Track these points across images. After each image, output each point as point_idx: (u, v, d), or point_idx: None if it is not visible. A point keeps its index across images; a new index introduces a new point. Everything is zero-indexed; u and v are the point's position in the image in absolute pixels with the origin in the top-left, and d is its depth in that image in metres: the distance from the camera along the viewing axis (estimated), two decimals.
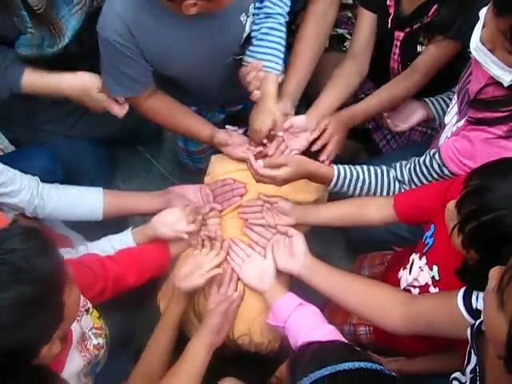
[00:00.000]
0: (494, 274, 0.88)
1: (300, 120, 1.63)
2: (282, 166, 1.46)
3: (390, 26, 1.66)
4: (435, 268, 1.30)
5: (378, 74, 1.79)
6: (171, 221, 1.52)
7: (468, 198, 1.11)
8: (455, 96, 1.49)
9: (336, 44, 1.97)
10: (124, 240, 1.51)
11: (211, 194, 1.64)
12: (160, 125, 1.80)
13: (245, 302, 1.50)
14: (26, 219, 1.53)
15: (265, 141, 1.61)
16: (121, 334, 1.54)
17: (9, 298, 0.91)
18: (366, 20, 1.71)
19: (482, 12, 1.23)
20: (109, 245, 1.50)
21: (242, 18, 1.58)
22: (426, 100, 1.76)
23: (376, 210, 1.47)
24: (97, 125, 1.90)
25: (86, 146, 1.91)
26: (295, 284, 1.50)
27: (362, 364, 0.87)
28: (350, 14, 1.99)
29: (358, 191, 1.52)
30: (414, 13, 1.59)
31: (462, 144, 1.35)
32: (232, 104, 1.92)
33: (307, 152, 1.64)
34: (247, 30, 1.63)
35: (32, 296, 0.93)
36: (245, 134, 1.71)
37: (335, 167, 1.51)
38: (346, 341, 1.16)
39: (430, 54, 1.62)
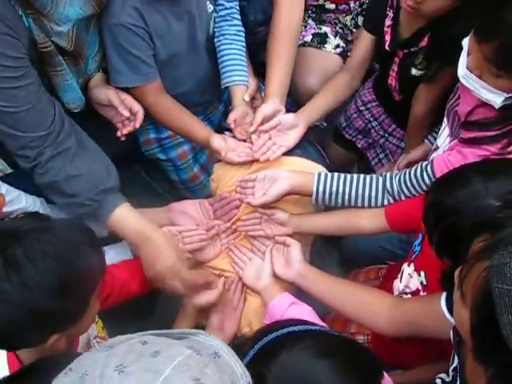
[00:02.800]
0: (457, 273, 0.93)
1: (288, 118, 1.68)
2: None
3: (388, 48, 1.72)
4: (422, 273, 1.35)
5: (379, 87, 1.87)
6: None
7: (428, 210, 1.18)
8: (445, 118, 1.54)
9: (317, 42, 2.07)
10: (121, 251, 1.55)
11: (211, 208, 1.67)
12: (161, 123, 1.81)
13: (250, 296, 1.59)
14: None
15: (253, 136, 1.66)
16: None
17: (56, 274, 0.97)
18: (366, 39, 1.78)
19: (465, 41, 1.29)
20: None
21: (208, 6, 1.71)
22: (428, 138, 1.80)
23: (368, 219, 1.51)
24: None
25: None
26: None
27: (308, 326, 0.91)
28: (333, 16, 2.10)
29: (340, 205, 1.56)
30: (411, 37, 1.64)
31: (455, 158, 1.38)
32: (213, 107, 2.00)
33: None
34: (213, 21, 1.75)
35: (72, 280, 0.99)
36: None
37: (315, 184, 1.54)
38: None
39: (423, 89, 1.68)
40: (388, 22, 1.69)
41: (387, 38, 1.71)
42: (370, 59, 1.80)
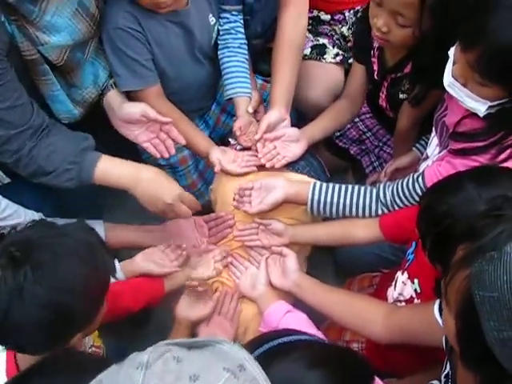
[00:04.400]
0: (442, 281, 0.95)
1: (293, 131, 1.73)
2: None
3: (377, 77, 1.75)
4: (416, 281, 1.36)
5: (372, 102, 1.91)
6: (159, 259, 1.56)
7: (422, 215, 1.19)
8: (433, 128, 1.56)
9: (316, 54, 2.09)
10: None
11: (206, 226, 1.69)
12: None
13: (241, 304, 1.60)
14: None
15: (258, 144, 1.70)
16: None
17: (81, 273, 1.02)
18: (359, 69, 1.83)
19: (451, 51, 1.31)
20: None
21: (210, 18, 1.75)
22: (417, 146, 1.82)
23: (362, 229, 1.54)
24: None
25: None
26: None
27: (299, 336, 0.92)
28: (329, 28, 2.13)
29: (335, 215, 1.58)
30: (395, 65, 1.67)
31: (445, 169, 1.40)
32: (208, 109, 2.01)
33: None
34: (215, 34, 1.79)
35: (94, 280, 1.05)
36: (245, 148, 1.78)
37: (310, 193, 1.57)
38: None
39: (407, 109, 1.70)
40: (374, 52, 1.72)
41: (375, 67, 1.74)
42: (366, 84, 1.84)
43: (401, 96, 1.70)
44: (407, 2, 1.39)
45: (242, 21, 1.85)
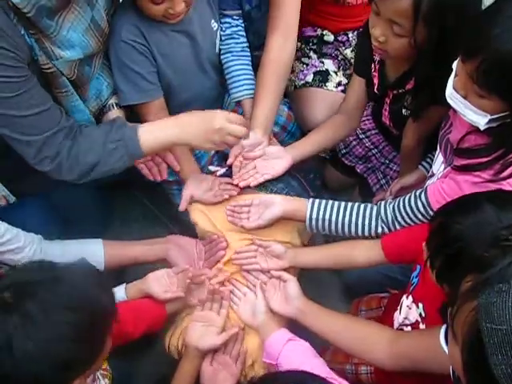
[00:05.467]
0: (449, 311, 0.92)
1: (273, 149, 1.73)
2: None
3: (377, 92, 1.73)
4: (420, 305, 1.33)
5: (377, 118, 1.89)
6: (165, 283, 1.54)
7: (434, 234, 1.16)
8: (438, 145, 1.54)
9: (319, 81, 2.10)
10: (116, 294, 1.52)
11: (203, 249, 1.68)
12: None
13: (247, 335, 1.55)
14: None
15: (234, 168, 1.71)
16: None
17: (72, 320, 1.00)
18: (358, 83, 1.80)
19: (455, 64, 1.29)
20: None
21: (213, 24, 1.77)
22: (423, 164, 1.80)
23: (364, 252, 1.51)
24: None
25: (82, 193, 1.87)
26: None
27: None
28: (334, 48, 2.13)
29: (334, 233, 1.56)
30: (397, 81, 1.65)
31: (449, 186, 1.38)
32: None
33: None
34: (218, 39, 1.81)
35: (88, 326, 1.02)
36: (228, 172, 1.78)
37: (308, 211, 1.55)
38: (327, 375, 1.16)
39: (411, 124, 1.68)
40: (375, 66, 1.70)
41: (375, 81, 1.71)
42: (365, 99, 1.82)
43: (404, 112, 1.67)
44: (400, 11, 1.36)
45: (243, 25, 1.85)
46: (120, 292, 1.51)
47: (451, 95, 1.29)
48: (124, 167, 1.52)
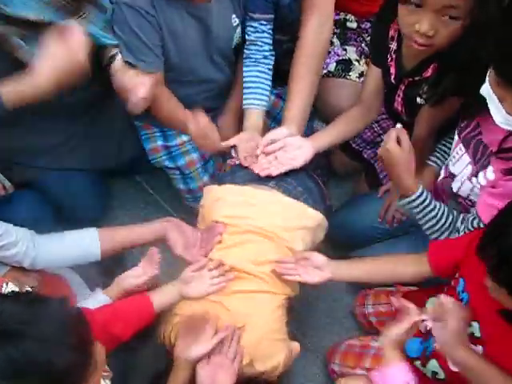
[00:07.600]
0: None
1: (293, 140, 1.70)
2: None
3: (394, 81, 1.68)
4: (475, 325, 1.27)
5: (387, 104, 1.83)
6: (136, 270, 1.53)
7: (487, 244, 1.10)
8: (460, 146, 1.48)
9: (341, 70, 2.07)
10: (97, 299, 1.51)
11: (200, 237, 1.63)
12: (155, 115, 1.78)
13: (244, 333, 1.50)
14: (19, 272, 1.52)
15: (259, 158, 1.68)
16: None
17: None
18: (375, 72, 1.75)
19: (485, 88, 1.23)
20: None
21: (233, 19, 1.73)
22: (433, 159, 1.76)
23: (411, 268, 1.51)
24: (93, 156, 1.88)
25: (79, 180, 1.88)
26: None
27: None
28: (357, 34, 2.09)
29: (426, 217, 1.52)
30: (415, 68, 1.59)
31: (502, 196, 1.32)
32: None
33: None
34: (237, 35, 1.77)
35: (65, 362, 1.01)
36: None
37: (420, 186, 1.51)
38: None
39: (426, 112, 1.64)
40: (391, 55, 1.64)
41: (392, 71, 1.66)
42: (382, 89, 1.77)
43: (418, 101, 1.62)
44: None
45: (270, 31, 1.79)
46: (99, 296, 1.50)
47: (506, 121, 1.22)
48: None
